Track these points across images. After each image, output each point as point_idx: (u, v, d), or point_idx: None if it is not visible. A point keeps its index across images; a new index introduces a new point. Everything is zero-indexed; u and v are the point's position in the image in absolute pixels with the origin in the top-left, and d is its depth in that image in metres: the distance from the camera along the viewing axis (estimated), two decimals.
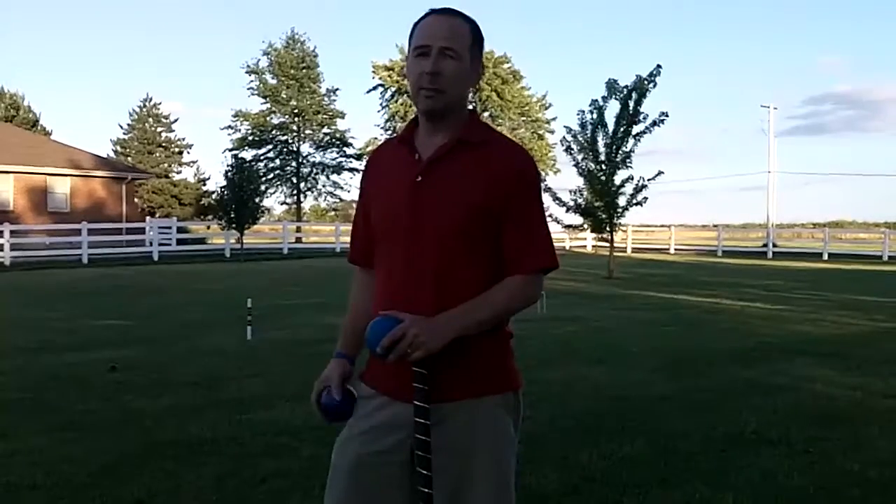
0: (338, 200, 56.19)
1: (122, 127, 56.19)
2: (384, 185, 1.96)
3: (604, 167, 20.65)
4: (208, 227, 37.46)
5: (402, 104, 50.77)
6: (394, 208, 1.89)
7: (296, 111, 51.82)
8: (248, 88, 52.00)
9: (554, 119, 53.50)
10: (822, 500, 3.88)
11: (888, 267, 26.54)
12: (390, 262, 1.90)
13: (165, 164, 55.62)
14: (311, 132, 53.04)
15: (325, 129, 53.45)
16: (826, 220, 63.57)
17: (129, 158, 52.38)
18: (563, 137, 21.27)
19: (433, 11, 1.91)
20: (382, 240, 1.94)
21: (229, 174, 29.03)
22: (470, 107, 1.97)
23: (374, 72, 52.08)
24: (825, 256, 31.50)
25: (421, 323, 1.75)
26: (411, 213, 1.86)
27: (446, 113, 1.89)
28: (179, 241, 31.91)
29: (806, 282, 18.94)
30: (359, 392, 1.97)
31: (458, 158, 1.87)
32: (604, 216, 20.96)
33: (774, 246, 35.30)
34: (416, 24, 1.91)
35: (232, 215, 28.49)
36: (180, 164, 57.06)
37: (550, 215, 22.33)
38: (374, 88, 53.02)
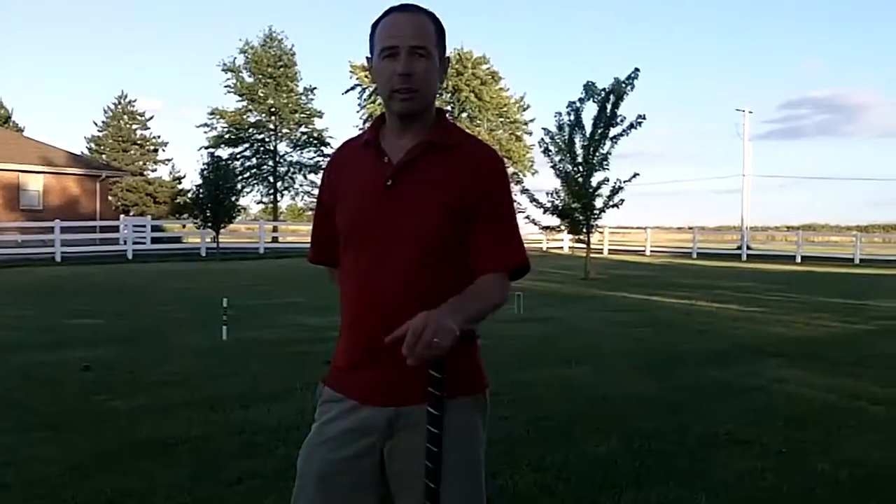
0: (315, 200, 55.89)
1: (96, 124, 55.76)
2: (352, 189, 1.90)
3: (581, 169, 20.75)
4: (183, 226, 37.27)
5: (379, 104, 50.64)
6: (364, 213, 1.85)
7: (273, 110, 51.52)
8: (225, 86, 51.69)
9: (532, 120, 53.62)
10: (794, 500, 3.92)
11: (860, 269, 26.88)
12: (361, 266, 1.86)
13: (140, 162, 55.17)
14: (288, 131, 52.75)
15: (303, 129, 53.17)
16: (799, 223, 64.58)
17: (104, 156, 51.89)
18: (541, 139, 21.39)
19: (394, 9, 1.85)
20: (351, 244, 1.89)
21: (205, 172, 28.81)
22: (448, 108, 1.94)
23: (351, 72, 51.93)
24: (798, 259, 31.86)
25: (432, 322, 1.63)
26: (383, 217, 1.82)
27: (420, 113, 1.86)
28: (154, 240, 31.71)
29: (779, 284, 19.15)
30: (323, 397, 1.93)
31: (428, 161, 1.83)
32: (581, 217, 21.06)
33: (748, 248, 35.68)
34: (376, 24, 1.86)
35: (208, 214, 28.30)
36: (155, 162, 56.68)
37: (528, 217, 22.39)
38: (352, 88, 52.95)
